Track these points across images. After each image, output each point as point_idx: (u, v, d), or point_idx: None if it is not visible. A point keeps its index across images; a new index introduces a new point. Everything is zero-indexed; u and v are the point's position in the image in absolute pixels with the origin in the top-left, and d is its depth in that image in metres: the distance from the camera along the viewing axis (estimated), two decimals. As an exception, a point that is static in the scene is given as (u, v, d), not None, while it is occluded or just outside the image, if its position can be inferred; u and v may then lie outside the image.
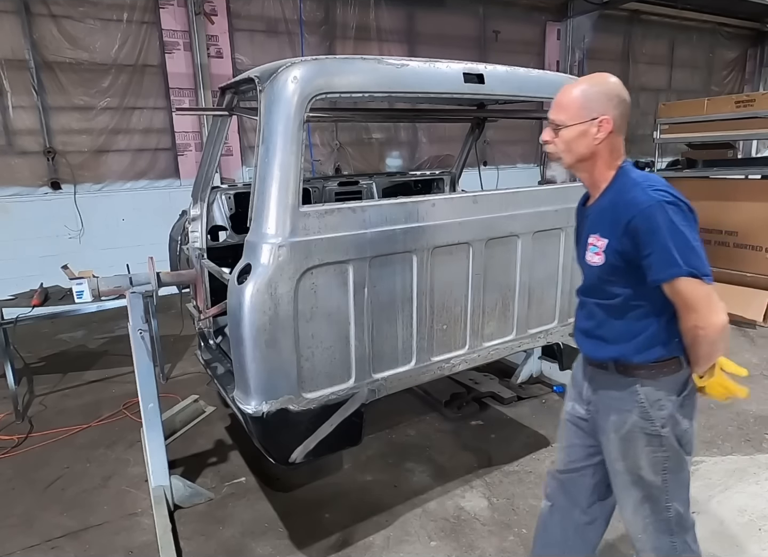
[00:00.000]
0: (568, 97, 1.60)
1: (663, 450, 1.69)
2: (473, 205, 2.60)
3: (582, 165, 1.65)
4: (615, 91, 1.58)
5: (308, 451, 2.27)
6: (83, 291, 3.09)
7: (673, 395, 1.67)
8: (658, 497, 1.74)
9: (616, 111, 1.57)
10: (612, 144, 1.61)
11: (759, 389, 3.89)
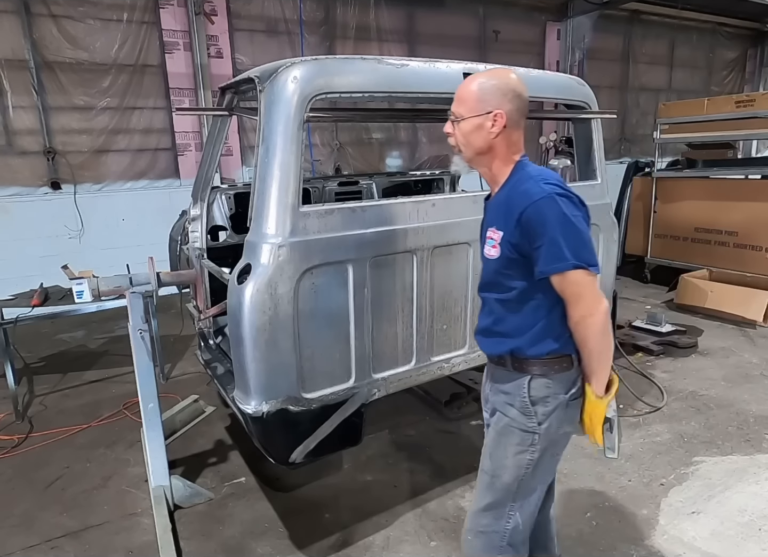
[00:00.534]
0: (466, 91, 1.63)
1: (531, 452, 1.67)
2: (473, 205, 2.59)
3: (480, 159, 1.66)
4: (510, 86, 1.59)
5: (308, 451, 2.27)
6: (83, 291, 3.09)
7: (561, 394, 1.66)
8: (504, 504, 1.70)
9: (511, 105, 1.57)
10: (509, 139, 1.61)
11: (759, 389, 3.89)
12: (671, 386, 3.96)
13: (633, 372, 4.13)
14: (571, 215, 1.50)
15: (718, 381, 4.04)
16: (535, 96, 2.85)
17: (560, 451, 1.77)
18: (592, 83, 3.14)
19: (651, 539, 2.50)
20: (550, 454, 1.72)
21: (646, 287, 6.57)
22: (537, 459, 1.68)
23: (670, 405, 3.70)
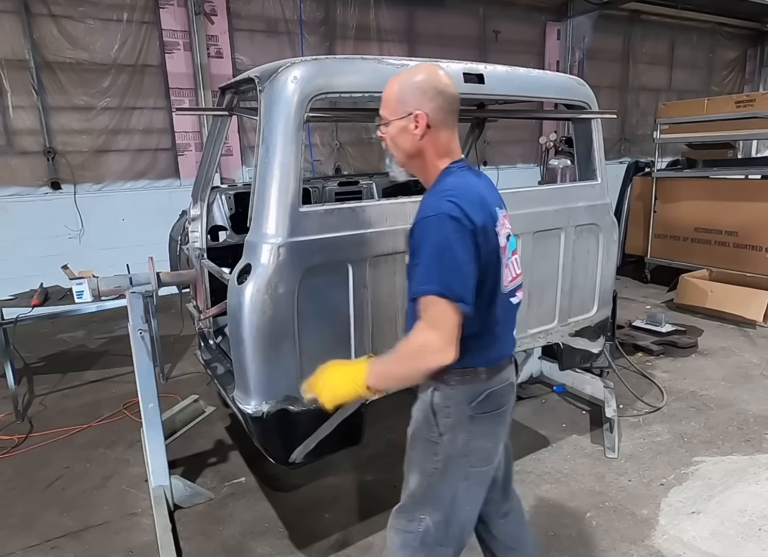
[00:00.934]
0: (388, 92, 1.54)
1: (435, 461, 1.61)
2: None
3: (412, 163, 1.58)
4: (431, 83, 1.49)
5: (308, 451, 2.27)
6: (83, 291, 3.09)
7: (464, 405, 1.57)
8: (414, 508, 1.66)
9: (433, 104, 1.47)
10: (436, 140, 1.52)
11: (759, 389, 3.89)
12: (671, 386, 3.96)
13: (633, 372, 4.13)
14: (454, 241, 1.39)
15: (718, 381, 4.04)
16: (535, 96, 2.85)
17: (480, 463, 1.63)
18: (592, 83, 3.14)
19: (651, 539, 2.50)
20: (462, 464, 1.61)
21: (646, 287, 6.57)
22: (442, 468, 1.61)
23: (670, 405, 3.70)
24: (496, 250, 1.51)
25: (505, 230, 1.58)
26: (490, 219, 1.50)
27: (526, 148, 9.30)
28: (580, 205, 2.95)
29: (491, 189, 1.65)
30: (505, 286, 1.58)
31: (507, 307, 1.62)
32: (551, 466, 3.06)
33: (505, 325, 1.62)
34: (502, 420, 1.64)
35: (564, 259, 2.95)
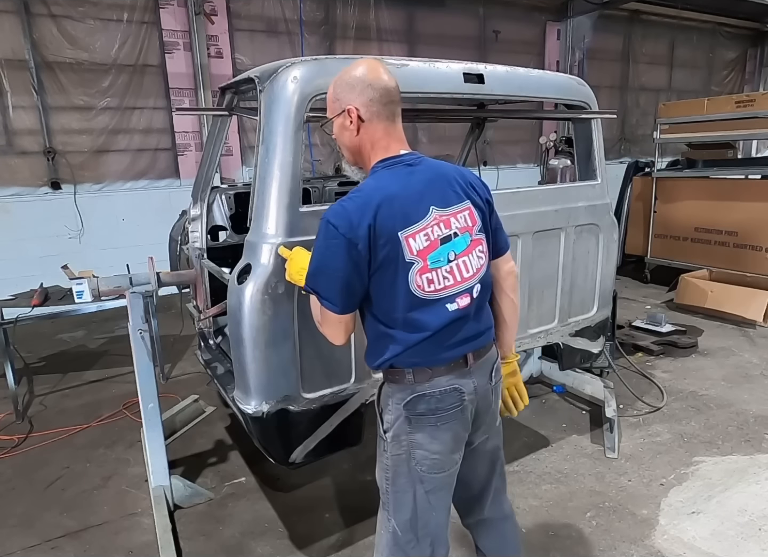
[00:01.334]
0: (328, 93, 1.58)
1: (385, 457, 1.62)
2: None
3: (359, 160, 1.61)
4: (359, 77, 1.49)
5: (308, 451, 2.27)
6: (83, 291, 3.09)
7: (399, 405, 1.57)
8: (384, 508, 1.67)
9: (362, 98, 1.48)
10: (371, 134, 1.52)
11: (759, 389, 3.89)
12: (671, 386, 3.96)
13: (633, 372, 4.13)
14: (326, 244, 1.46)
15: (718, 381, 4.04)
16: (535, 96, 2.85)
17: (430, 470, 1.59)
18: (592, 83, 3.14)
19: (651, 539, 2.50)
20: (412, 467, 1.58)
21: (646, 287, 6.57)
22: (393, 468, 1.60)
23: (670, 405, 3.70)
24: (401, 254, 1.45)
25: (438, 231, 1.50)
26: (400, 222, 1.45)
27: (526, 148, 9.31)
28: (580, 205, 2.95)
29: (435, 184, 1.54)
30: (427, 292, 1.49)
31: (439, 313, 1.52)
32: (551, 466, 3.06)
33: (438, 331, 1.52)
34: (446, 427, 1.57)
35: (564, 259, 2.95)
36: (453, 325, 1.54)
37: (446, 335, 1.55)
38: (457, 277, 1.53)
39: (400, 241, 1.45)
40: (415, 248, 1.46)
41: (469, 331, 1.58)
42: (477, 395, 1.61)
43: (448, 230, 1.51)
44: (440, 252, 1.50)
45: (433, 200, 1.51)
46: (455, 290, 1.53)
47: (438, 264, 1.50)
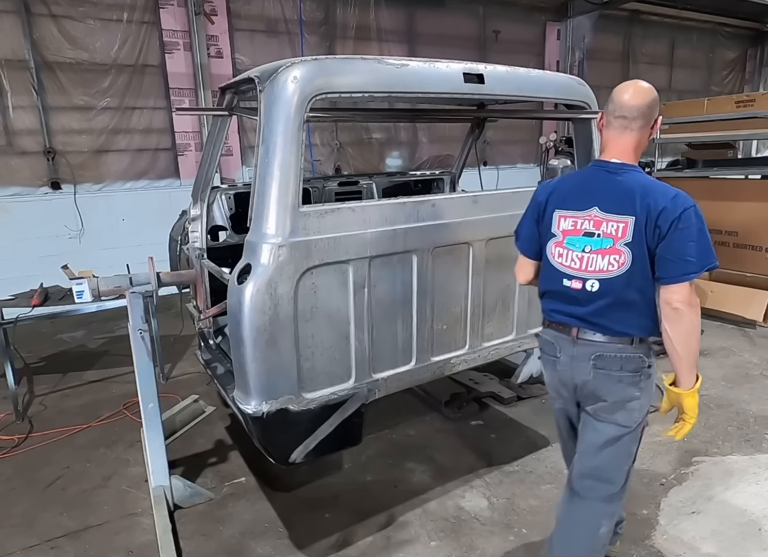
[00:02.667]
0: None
1: None
2: (473, 205, 2.60)
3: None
4: (612, 93, 1.90)
5: (308, 451, 2.27)
6: (83, 291, 3.09)
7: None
8: None
9: (607, 109, 1.91)
10: (603, 139, 1.94)
11: (759, 389, 3.89)
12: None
13: (633, 372, 4.12)
14: (527, 206, 2.06)
15: (718, 381, 4.03)
16: (535, 96, 2.85)
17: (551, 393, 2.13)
18: (592, 83, 3.14)
19: (651, 539, 2.50)
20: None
21: (646, 287, 6.56)
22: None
23: (670, 405, 3.70)
24: (549, 224, 1.91)
25: (587, 225, 1.82)
26: (560, 204, 1.89)
27: (526, 148, 9.30)
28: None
29: (612, 192, 1.81)
30: (552, 260, 1.90)
31: (555, 280, 1.90)
32: (551, 466, 3.06)
33: (555, 293, 1.92)
34: (547, 367, 2.03)
35: (564, 259, 2.95)
36: (563, 297, 1.90)
37: (558, 299, 1.92)
38: (582, 266, 1.84)
39: (553, 216, 1.90)
40: (557, 226, 1.89)
41: (576, 310, 1.88)
42: (573, 363, 1.91)
43: (595, 229, 1.81)
44: (579, 240, 1.84)
45: (599, 203, 1.82)
46: (575, 273, 1.85)
47: (572, 247, 1.86)
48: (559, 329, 1.93)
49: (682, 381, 1.99)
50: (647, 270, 1.77)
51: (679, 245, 1.70)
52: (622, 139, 1.84)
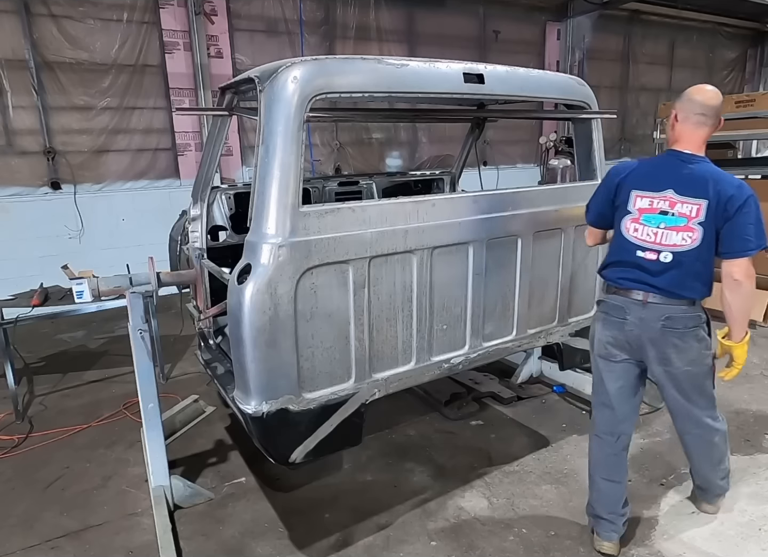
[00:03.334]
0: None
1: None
2: (473, 205, 2.60)
3: (668, 145, 2.32)
4: (686, 92, 2.19)
5: (308, 451, 2.27)
6: (83, 291, 3.09)
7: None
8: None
9: (679, 105, 2.20)
10: (676, 130, 2.23)
11: (759, 389, 3.89)
12: (671, 386, 3.96)
13: (633, 372, 4.12)
14: (600, 183, 2.45)
15: (718, 381, 4.02)
16: (535, 96, 2.85)
17: (596, 350, 2.39)
18: (592, 83, 3.14)
19: (651, 539, 2.50)
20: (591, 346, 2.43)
21: (646, 287, 6.56)
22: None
23: (670, 405, 3.70)
24: (625, 202, 2.20)
25: (662, 204, 2.12)
26: (636, 186, 2.19)
27: (526, 148, 9.30)
28: (580, 205, 2.94)
29: (685, 177, 2.12)
30: (627, 233, 2.20)
31: (628, 251, 2.20)
32: (551, 466, 3.07)
33: (625, 264, 2.21)
34: (609, 326, 2.29)
35: (564, 259, 2.96)
36: (635, 266, 2.19)
37: (628, 267, 2.21)
38: (656, 240, 2.14)
39: (630, 196, 2.20)
40: (633, 204, 2.19)
41: (647, 278, 2.17)
42: (642, 324, 2.19)
43: (670, 208, 2.12)
44: (654, 217, 2.14)
45: (674, 186, 2.12)
46: (649, 245, 2.15)
47: (648, 223, 2.16)
48: (627, 294, 2.21)
49: (734, 336, 2.23)
50: (712, 246, 2.10)
51: (741, 226, 2.05)
52: (697, 133, 2.12)
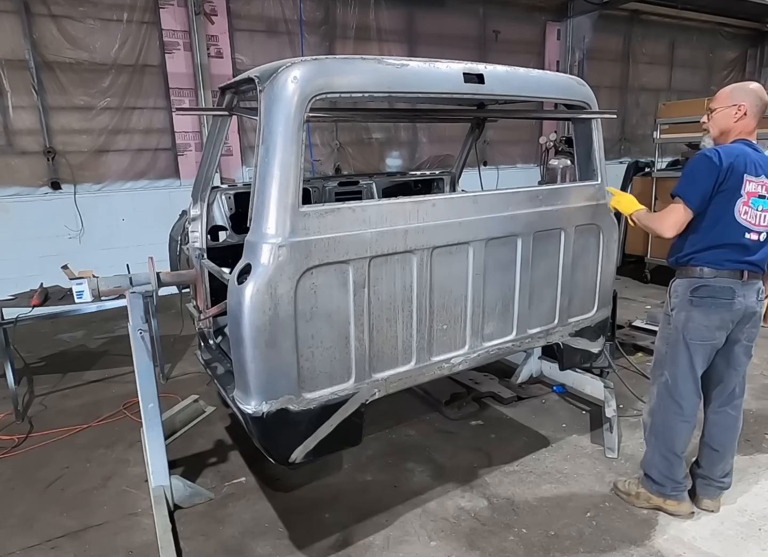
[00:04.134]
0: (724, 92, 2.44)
1: (669, 330, 2.52)
2: (473, 205, 2.59)
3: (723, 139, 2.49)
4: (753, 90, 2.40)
5: (308, 451, 2.27)
6: (83, 291, 3.09)
7: (686, 291, 2.44)
8: (659, 366, 2.61)
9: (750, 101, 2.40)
10: (744, 124, 2.40)
11: (759, 389, 3.89)
12: (671, 386, 3.95)
13: (633, 372, 4.12)
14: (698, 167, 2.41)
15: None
16: (535, 96, 2.85)
17: (697, 339, 2.47)
18: (592, 83, 3.14)
19: (651, 539, 2.50)
20: (684, 337, 2.49)
21: (646, 287, 6.57)
22: (674, 336, 2.54)
23: (670, 405, 3.70)
24: (737, 186, 2.30)
25: (761, 189, 2.33)
26: (747, 170, 2.30)
27: (526, 148, 9.31)
28: (580, 205, 2.95)
29: (760, 162, 2.35)
30: (738, 216, 2.32)
31: (736, 233, 2.35)
32: (551, 466, 3.07)
33: (730, 246, 2.35)
34: (717, 310, 2.40)
35: (564, 259, 2.95)
36: (740, 247, 2.36)
37: (734, 251, 2.36)
38: (758, 221, 2.35)
39: (743, 179, 2.31)
40: (744, 187, 2.32)
41: (748, 257, 2.37)
42: (745, 301, 2.40)
43: (766, 192, 2.34)
44: (758, 201, 2.34)
45: (765, 171, 2.35)
46: (755, 228, 2.35)
47: (755, 206, 2.34)
48: (733, 275, 2.37)
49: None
50: None
51: None
52: (755, 128, 2.40)
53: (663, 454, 2.58)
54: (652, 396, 2.66)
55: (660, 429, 2.60)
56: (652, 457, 2.63)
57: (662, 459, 2.59)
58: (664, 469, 2.59)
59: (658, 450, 2.60)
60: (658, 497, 2.63)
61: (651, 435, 2.65)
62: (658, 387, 2.61)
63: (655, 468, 2.62)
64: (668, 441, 2.57)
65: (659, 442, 2.61)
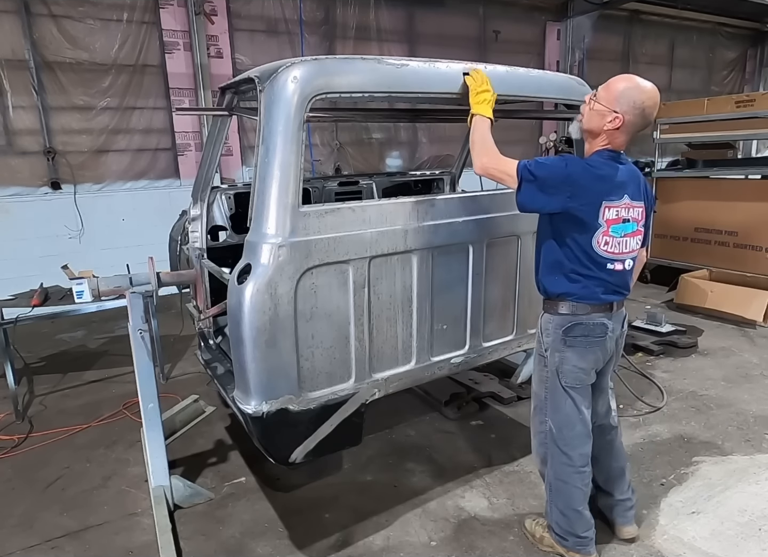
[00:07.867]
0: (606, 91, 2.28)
1: (545, 372, 2.27)
2: (473, 205, 2.60)
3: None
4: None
5: (308, 451, 2.27)
6: (83, 291, 3.09)
7: (558, 330, 2.19)
8: (543, 410, 2.32)
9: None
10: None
11: (759, 389, 3.89)
12: (671, 386, 3.96)
13: (633, 372, 4.12)
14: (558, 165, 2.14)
15: (718, 381, 4.03)
16: (535, 96, 2.85)
17: (573, 382, 2.22)
18: (592, 83, 3.13)
19: (651, 539, 2.50)
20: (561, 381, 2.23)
21: (646, 287, 6.57)
22: (551, 379, 2.25)
23: (670, 405, 3.70)
24: (593, 215, 2.05)
25: (624, 212, 2.09)
26: (607, 194, 2.06)
27: (526, 148, 9.29)
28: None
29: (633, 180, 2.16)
30: (598, 248, 2.08)
31: (598, 266, 2.11)
32: (551, 466, 3.06)
33: (595, 279, 2.12)
34: (591, 349, 2.18)
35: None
36: (608, 278, 2.14)
37: (602, 283, 2.14)
38: (622, 249, 2.12)
39: (602, 207, 2.05)
40: (607, 216, 2.07)
41: (616, 286, 2.17)
42: (614, 334, 2.21)
43: (629, 214, 2.11)
44: (619, 227, 2.09)
45: (629, 191, 2.12)
46: (616, 257, 2.12)
47: (616, 234, 2.09)
48: (604, 308, 2.18)
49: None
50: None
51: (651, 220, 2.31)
52: (625, 142, 2.22)
53: (560, 510, 2.31)
54: (538, 445, 2.43)
55: (553, 483, 2.34)
56: (551, 512, 2.36)
57: (560, 516, 2.32)
58: (564, 525, 2.32)
59: (556, 505, 2.33)
60: (561, 547, 2.36)
61: (547, 488, 2.40)
62: (541, 437, 2.37)
63: (555, 523, 2.35)
64: (564, 495, 2.30)
65: (555, 497, 2.34)
